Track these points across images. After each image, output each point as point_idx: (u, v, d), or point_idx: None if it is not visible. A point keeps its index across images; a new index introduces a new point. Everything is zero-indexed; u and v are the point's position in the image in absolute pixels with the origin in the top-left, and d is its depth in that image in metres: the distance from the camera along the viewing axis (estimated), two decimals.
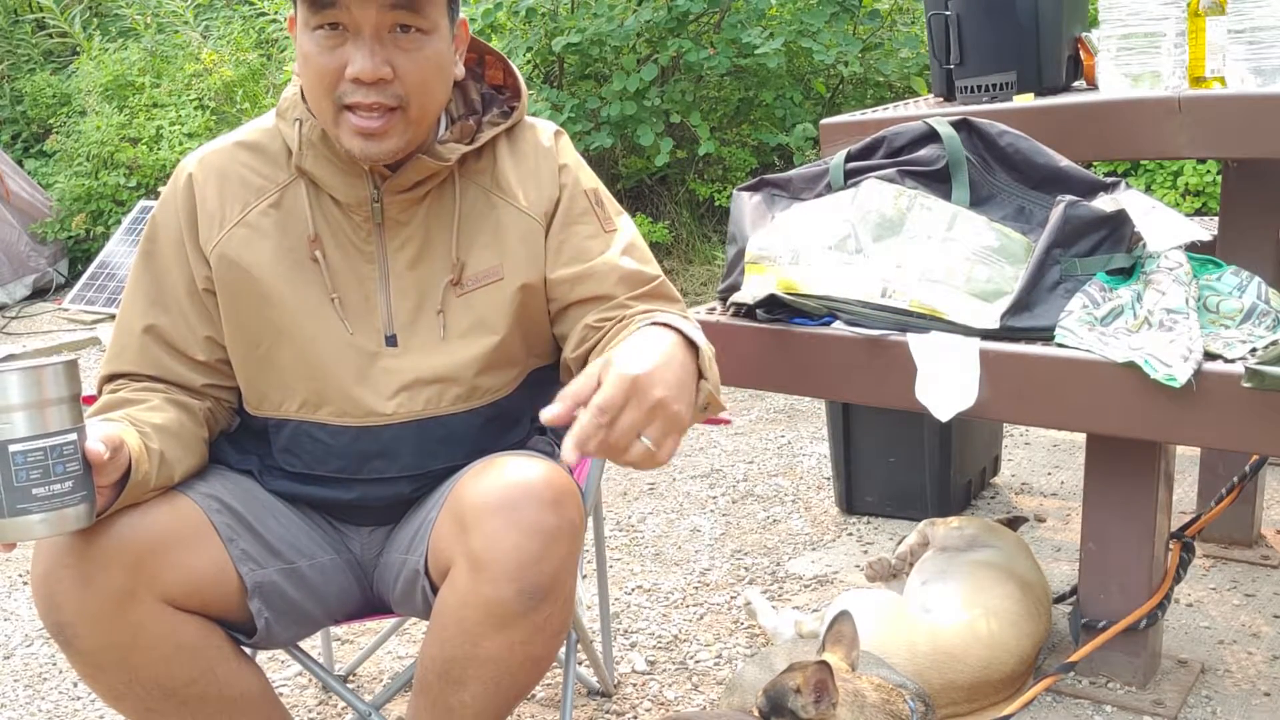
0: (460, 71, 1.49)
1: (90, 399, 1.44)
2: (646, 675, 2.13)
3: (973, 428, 2.73)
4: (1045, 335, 1.69)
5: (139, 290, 1.51)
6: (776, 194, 2.01)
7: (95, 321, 5.61)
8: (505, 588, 1.29)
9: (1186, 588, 2.27)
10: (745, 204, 2.01)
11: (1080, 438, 2.74)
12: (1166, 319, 1.63)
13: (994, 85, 2.15)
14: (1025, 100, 2.09)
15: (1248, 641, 2.08)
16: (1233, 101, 1.82)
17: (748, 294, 1.90)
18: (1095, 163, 4.27)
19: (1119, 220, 1.75)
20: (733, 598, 2.41)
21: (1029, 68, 2.15)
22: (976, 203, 1.82)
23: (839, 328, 1.81)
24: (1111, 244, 1.75)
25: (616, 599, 2.43)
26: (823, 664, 1.51)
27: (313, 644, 2.14)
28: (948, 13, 2.19)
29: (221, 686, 1.40)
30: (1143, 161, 4.75)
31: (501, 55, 1.58)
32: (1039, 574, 2.03)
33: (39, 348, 5.18)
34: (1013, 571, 1.98)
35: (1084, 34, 2.21)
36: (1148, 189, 4.70)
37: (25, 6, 7.79)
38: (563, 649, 1.74)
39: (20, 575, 2.80)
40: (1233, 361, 1.56)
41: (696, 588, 2.47)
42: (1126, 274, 1.74)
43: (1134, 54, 1.94)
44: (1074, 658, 1.90)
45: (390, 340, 1.48)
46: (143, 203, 6.04)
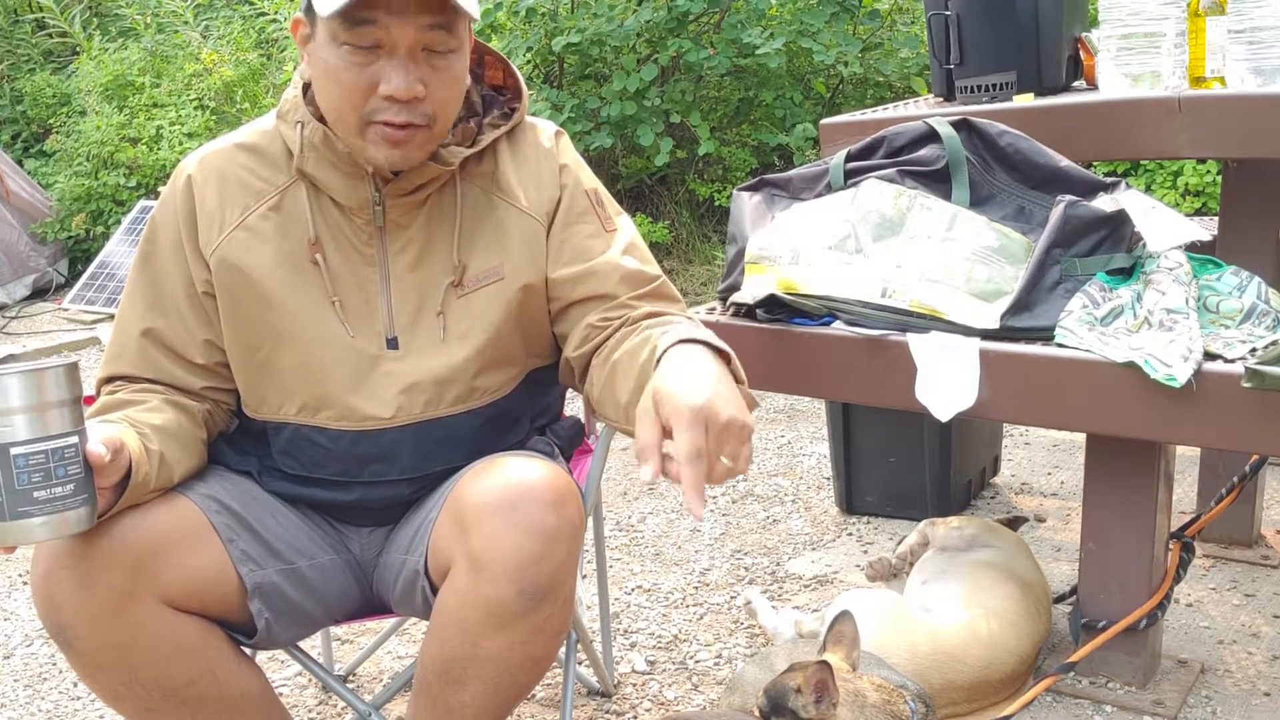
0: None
1: (89, 399, 1.44)
2: (646, 675, 2.13)
3: (973, 428, 2.73)
4: (1045, 335, 1.69)
5: (137, 293, 1.50)
6: (776, 194, 2.01)
7: (95, 321, 5.60)
8: (505, 588, 1.29)
9: (1186, 588, 2.27)
10: (745, 204, 2.01)
11: (1080, 438, 2.73)
12: (1166, 319, 1.63)
13: (994, 85, 2.15)
14: (1025, 100, 2.09)
15: (1248, 641, 2.08)
16: (1233, 101, 1.82)
17: (748, 294, 1.89)
18: (1095, 163, 4.27)
19: (1119, 220, 1.75)
20: (733, 598, 2.41)
21: (1029, 68, 2.15)
22: (976, 203, 1.82)
23: (839, 328, 1.81)
24: (1111, 244, 1.75)
25: (616, 599, 2.43)
26: (823, 664, 1.51)
27: (313, 644, 2.14)
28: (948, 13, 2.19)
29: (221, 687, 1.40)
30: (1143, 161, 4.75)
31: (501, 56, 1.58)
32: (1039, 574, 2.03)
33: (39, 348, 5.17)
34: (1013, 571, 1.98)
35: (1084, 34, 2.20)
36: (1148, 189, 4.70)
37: (25, 6, 7.79)
38: (563, 649, 1.74)
39: (20, 575, 2.80)
40: (1233, 361, 1.56)
41: (696, 588, 2.47)
42: (1126, 274, 1.74)
43: (1134, 54, 1.94)
44: (1074, 658, 1.90)
45: (391, 343, 1.48)
46: (143, 203, 6.04)
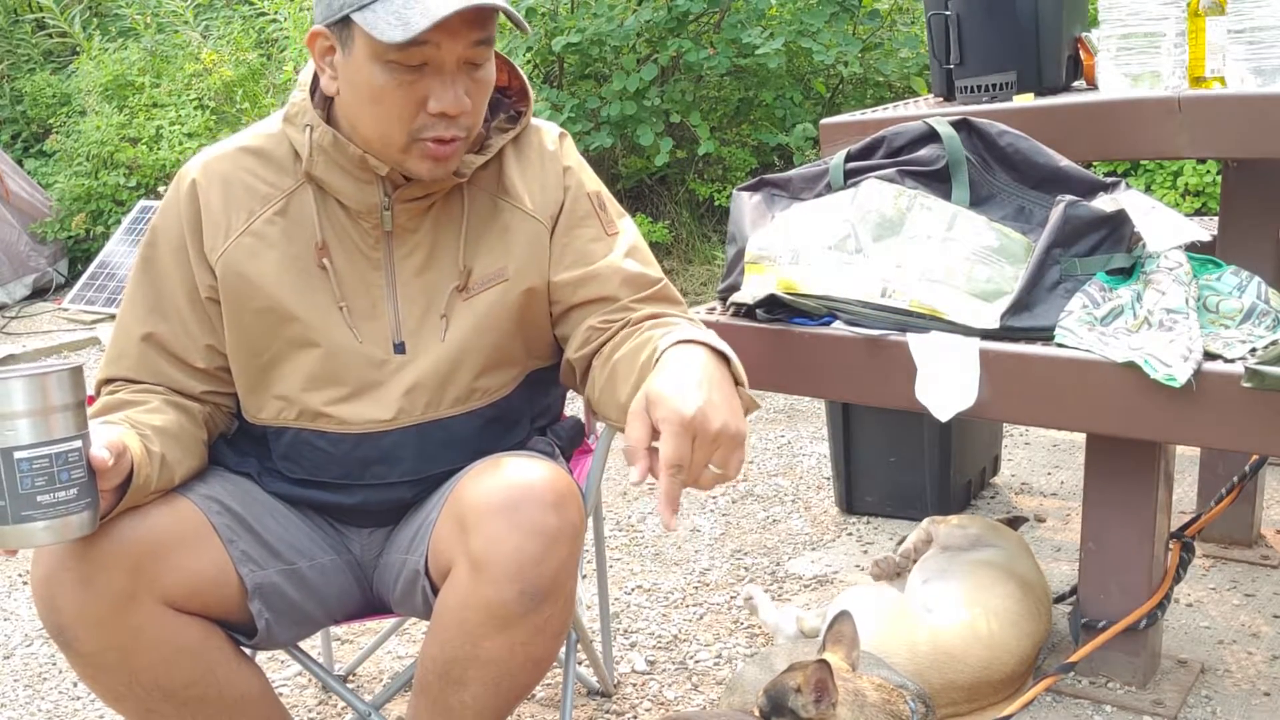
0: None
1: (89, 399, 1.43)
2: (646, 675, 2.13)
3: (973, 428, 2.73)
4: (1045, 335, 1.69)
5: (138, 296, 1.50)
6: (776, 194, 2.01)
7: (95, 321, 5.60)
8: (506, 589, 1.29)
9: (1186, 588, 2.27)
10: (745, 204, 2.01)
11: (1080, 438, 2.73)
12: (1166, 319, 1.63)
13: (994, 85, 2.15)
14: (1025, 100, 2.09)
15: (1248, 641, 2.08)
16: (1233, 101, 1.82)
17: (748, 294, 1.90)
18: (1095, 163, 4.27)
19: (1119, 220, 1.75)
20: (732, 597, 2.41)
21: (1029, 68, 2.15)
22: (976, 203, 1.82)
23: (839, 328, 1.81)
24: (1111, 244, 1.75)
25: (616, 599, 2.43)
26: (823, 663, 1.51)
27: (313, 644, 2.14)
28: (948, 13, 2.19)
29: (222, 688, 1.40)
30: (1143, 161, 4.75)
31: (505, 57, 1.58)
32: (1039, 574, 2.03)
33: (39, 348, 5.17)
34: (1013, 571, 1.98)
35: (1084, 34, 2.21)
36: (1148, 189, 4.70)
37: (25, 6, 7.78)
38: (563, 649, 1.74)
39: (20, 575, 2.80)
40: (1232, 361, 1.56)
41: (696, 588, 2.47)
42: (1126, 274, 1.74)
43: (1134, 54, 1.94)
44: (1074, 658, 1.90)
45: (399, 348, 1.48)
46: (143, 203, 6.03)
